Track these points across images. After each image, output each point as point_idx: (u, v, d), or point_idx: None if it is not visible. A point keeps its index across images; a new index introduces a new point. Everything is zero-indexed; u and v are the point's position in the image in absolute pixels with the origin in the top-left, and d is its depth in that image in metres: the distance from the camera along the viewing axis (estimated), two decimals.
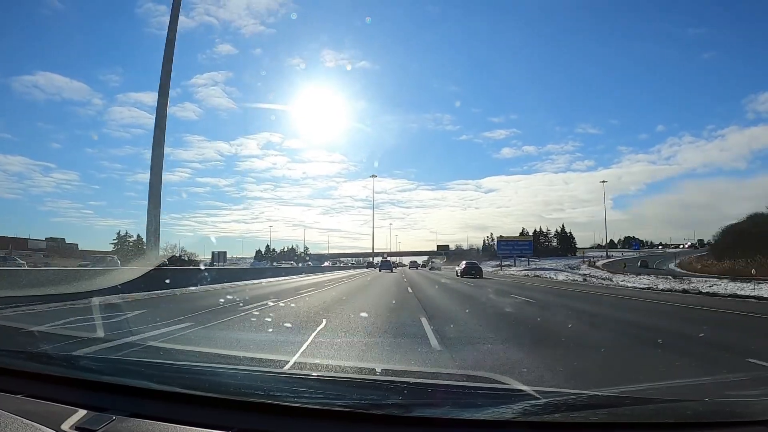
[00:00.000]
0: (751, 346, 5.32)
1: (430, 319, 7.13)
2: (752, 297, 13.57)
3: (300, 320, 6.94)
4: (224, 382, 1.40)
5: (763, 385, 1.54)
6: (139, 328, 5.22)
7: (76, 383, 1.42)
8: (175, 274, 16.05)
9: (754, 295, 13.90)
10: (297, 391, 1.29)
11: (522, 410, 1.13)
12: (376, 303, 10.43)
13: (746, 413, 1.15)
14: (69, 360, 1.61)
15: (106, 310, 7.35)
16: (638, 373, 3.73)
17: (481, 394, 1.33)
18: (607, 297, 14.36)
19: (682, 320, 8.44)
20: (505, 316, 8.29)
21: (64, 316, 6.63)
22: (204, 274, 18.45)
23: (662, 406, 1.24)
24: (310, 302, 10.10)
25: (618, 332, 6.71)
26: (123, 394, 1.34)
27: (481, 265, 32.90)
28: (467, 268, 29.34)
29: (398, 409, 1.19)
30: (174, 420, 1.19)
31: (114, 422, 1.18)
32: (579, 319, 8.12)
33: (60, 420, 1.20)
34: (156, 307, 8.73)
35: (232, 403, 1.24)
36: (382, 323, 6.83)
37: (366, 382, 1.38)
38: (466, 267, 29.60)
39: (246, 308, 8.33)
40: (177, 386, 1.33)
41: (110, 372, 1.51)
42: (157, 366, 1.67)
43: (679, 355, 4.68)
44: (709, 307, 10.69)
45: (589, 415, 1.13)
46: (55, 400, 1.32)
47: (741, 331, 7.37)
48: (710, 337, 6.14)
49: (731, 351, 5.09)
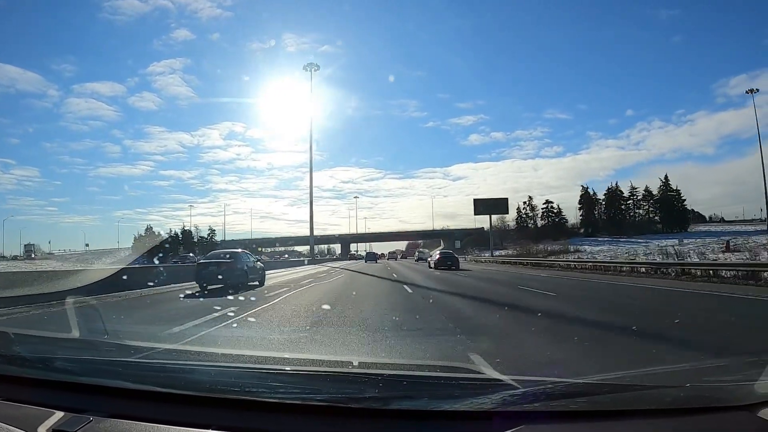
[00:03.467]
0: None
1: None
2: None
3: None
4: (200, 380, 1.39)
5: (743, 371, 1.55)
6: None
7: (52, 385, 1.41)
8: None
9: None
10: (273, 386, 1.28)
11: (501, 400, 1.13)
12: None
13: (726, 399, 1.16)
14: (45, 362, 1.58)
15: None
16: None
17: (459, 384, 1.32)
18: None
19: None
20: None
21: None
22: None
23: (642, 393, 1.24)
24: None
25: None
26: (100, 394, 1.33)
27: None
28: (442, 258, 28.52)
29: (377, 402, 1.18)
30: (151, 419, 1.18)
31: (91, 423, 1.18)
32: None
33: (37, 423, 1.19)
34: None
35: (209, 401, 1.24)
36: None
37: (343, 375, 1.37)
38: (441, 258, 28.77)
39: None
40: (153, 385, 1.32)
41: (87, 373, 1.49)
42: (133, 365, 1.65)
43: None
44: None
45: (569, 404, 1.14)
46: (31, 402, 1.31)
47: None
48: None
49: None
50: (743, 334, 5.60)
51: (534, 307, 8.00)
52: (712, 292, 10.79)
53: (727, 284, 12.86)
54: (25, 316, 8.04)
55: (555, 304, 8.95)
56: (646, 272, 18.28)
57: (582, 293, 11.39)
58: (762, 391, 1.13)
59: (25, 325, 6.87)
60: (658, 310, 8.33)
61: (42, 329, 5.50)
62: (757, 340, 4.99)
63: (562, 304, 8.86)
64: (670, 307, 8.59)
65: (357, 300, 9.89)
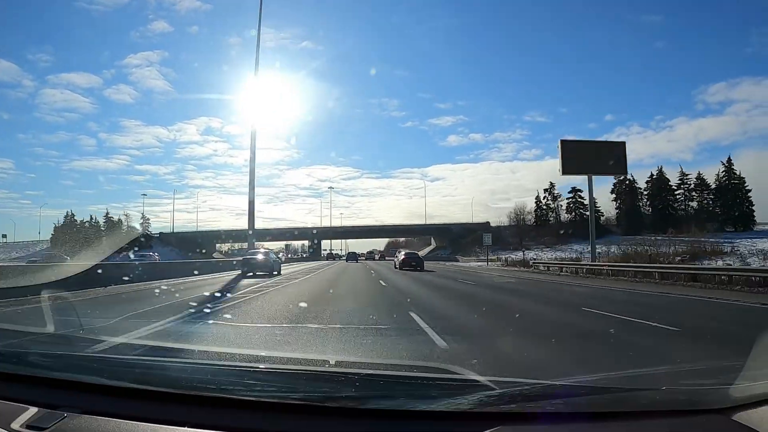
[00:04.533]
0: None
1: None
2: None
3: None
4: (176, 377, 1.38)
5: (719, 374, 1.58)
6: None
7: (25, 380, 1.38)
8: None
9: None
10: (250, 384, 1.28)
11: (477, 401, 1.13)
12: None
13: (702, 402, 1.17)
14: (18, 356, 1.55)
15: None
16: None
17: (436, 385, 1.33)
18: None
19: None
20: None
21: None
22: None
23: (619, 395, 1.25)
24: None
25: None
26: (74, 390, 1.31)
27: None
28: (406, 259, 29.31)
29: (353, 401, 1.18)
30: (126, 416, 1.17)
31: (65, 419, 1.17)
32: None
33: (10, 419, 1.17)
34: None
35: (185, 398, 1.22)
36: None
37: (320, 374, 1.36)
38: (406, 258, 29.56)
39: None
40: (128, 381, 1.31)
41: (61, 368, 1.46)
42: (108, 361, 1.63)
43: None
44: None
45: (546, 405, 1.14)
46: (4, 398, 1.29)
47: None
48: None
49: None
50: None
51: None
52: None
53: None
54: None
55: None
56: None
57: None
58: (737, 395, 1.14)
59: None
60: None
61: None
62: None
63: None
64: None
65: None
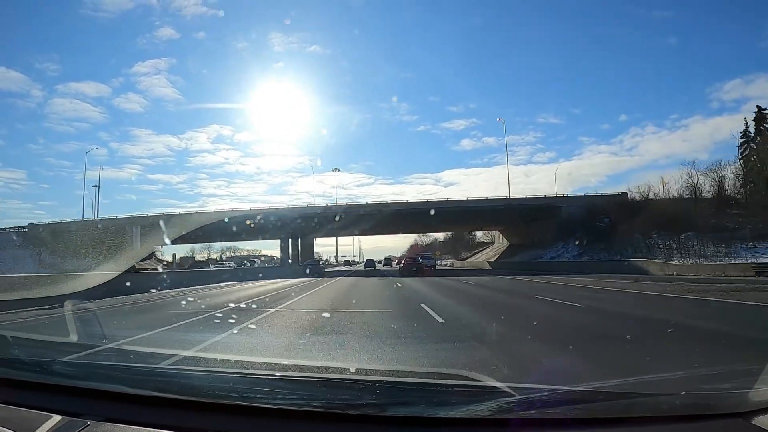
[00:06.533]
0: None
1: None
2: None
3: None
4: (197, 385, 1.39)
5: (738, 378, 1.56)
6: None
7: (50, 389, 1.41)
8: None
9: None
10: (270, 392, 1.29)
11: (497, 407, 1.13)
12: None
13: (722, 406, 1.16)
14: (42, 365, 1.59)
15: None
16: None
17: (455, 391, 1.33)
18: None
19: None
20: None
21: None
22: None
23: (637, 400, 1.24)
24: None
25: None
26: (97, 398, 1.33)
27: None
28: (408, 265, 29.81)
29: (373, 408, 1.19)
30: (148, 423, 1.19)
31: (88, 427, 1.18)
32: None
33: (34, 426, 1.19)
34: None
35: (206, 406, 1.24)
36: None
37: (340, 381, 1.37)
38: (407, 264, 30.08)
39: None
40: (150, 389, 1.33)
41: (84, 377, 1.49)
42: (129, 369, 1.65)
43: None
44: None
45: (565, 411, 1.14)
46: (29, 406, 1.31)
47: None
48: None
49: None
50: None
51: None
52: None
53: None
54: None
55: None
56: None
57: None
58: (756, 399, 1.14)
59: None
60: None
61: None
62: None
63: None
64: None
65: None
